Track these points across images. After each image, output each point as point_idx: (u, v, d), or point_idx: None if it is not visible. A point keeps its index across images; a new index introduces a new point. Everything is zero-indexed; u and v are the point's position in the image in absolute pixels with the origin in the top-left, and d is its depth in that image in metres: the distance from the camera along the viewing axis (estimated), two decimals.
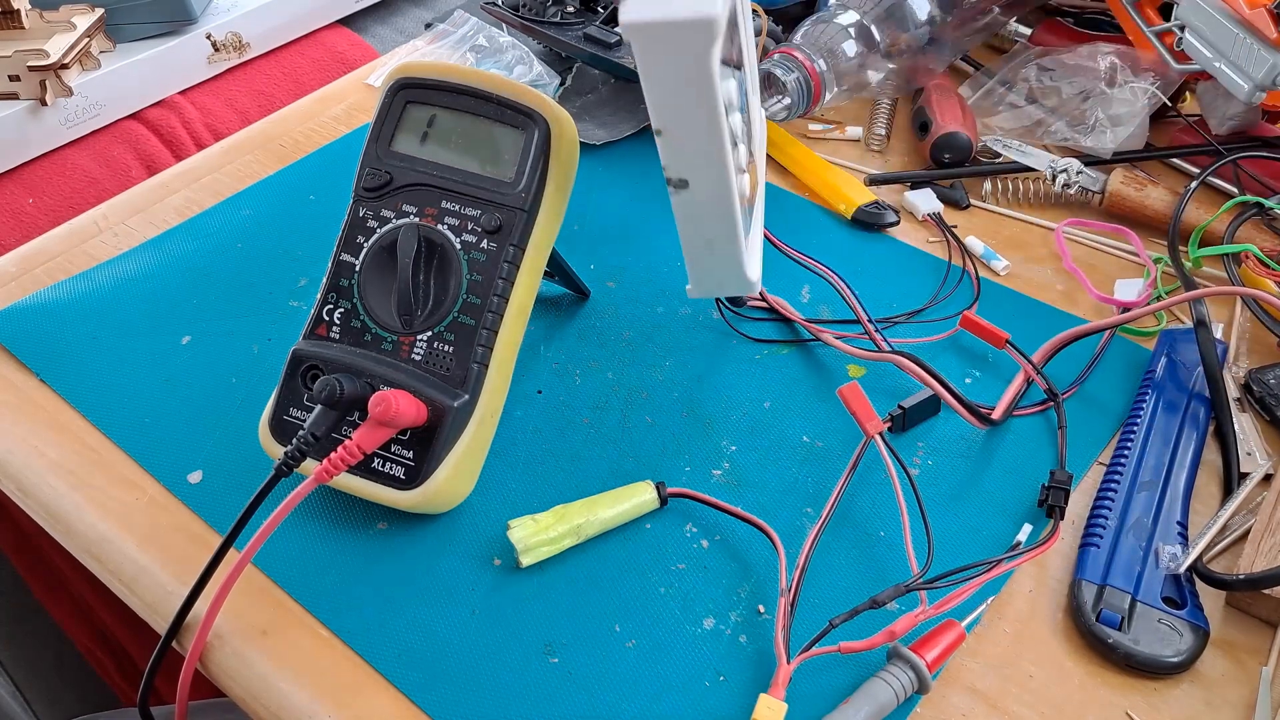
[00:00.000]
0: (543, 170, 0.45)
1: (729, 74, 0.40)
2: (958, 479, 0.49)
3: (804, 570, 0.43)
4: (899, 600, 0.43)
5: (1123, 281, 0.59)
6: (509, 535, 0.45)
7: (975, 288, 0.59)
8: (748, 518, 0.46)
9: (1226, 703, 0.42)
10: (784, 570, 0.44)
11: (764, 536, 0.46)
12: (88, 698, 0.85)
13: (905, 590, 0.41)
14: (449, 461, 0.44)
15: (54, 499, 0.49)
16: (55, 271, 0.61)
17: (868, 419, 0.46)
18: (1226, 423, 0.50)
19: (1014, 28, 0.78)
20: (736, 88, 0.41)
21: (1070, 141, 0.66)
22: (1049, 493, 0.47)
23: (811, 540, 0.44)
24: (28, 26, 0.87)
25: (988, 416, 0.50)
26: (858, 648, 0.40)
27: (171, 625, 0.43)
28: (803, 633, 0.42)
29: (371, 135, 0.47)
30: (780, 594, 0.43)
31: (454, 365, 0.44)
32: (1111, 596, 0.43)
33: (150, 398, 0.53)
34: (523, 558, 0.45)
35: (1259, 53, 0.57)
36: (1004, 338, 0.52)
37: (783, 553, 0.44)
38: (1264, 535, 0.45)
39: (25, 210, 0.85)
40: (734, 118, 0.41)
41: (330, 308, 0.46)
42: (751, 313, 0.57)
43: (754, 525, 0.46)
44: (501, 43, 0.78)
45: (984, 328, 0.53)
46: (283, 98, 0.99)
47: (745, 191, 0.43)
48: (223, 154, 0.70)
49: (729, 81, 0.40)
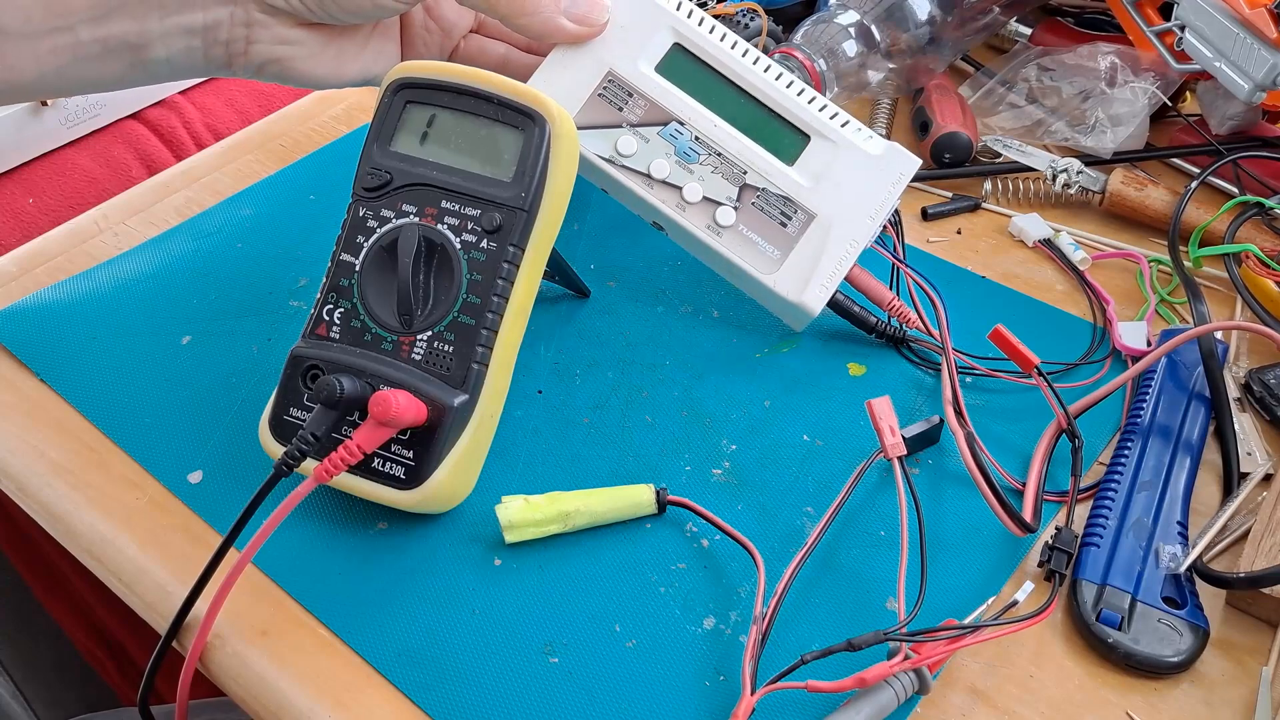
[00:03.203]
0: (543, 170, 0.45)
1: (620, 131, 0.50)
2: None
3: (781, 598, 0.42)
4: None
5: (1126, 325, 0.56)
6: (497, 510, 0.45)
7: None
8: (735, 535, 0.45)
9: (1226, 703, 0.42)
10: (761, 595, 0.42)
11: (765, 537, 0.46)
12: (88, 698, 0.85)
13: (884, 639, 0.39)
14: (449, 461, 0.44)
15: (54, 499, 0.49)
16: (55, 272, 0.61)
17: (891, 439, 0.44)
18: (1226, 423, 0.50)
19: (1014, 28, 0.78)
20: (637, 140, 0.50)
21: (1070, 141, 0.66)
22: (1051, 553, 0.44)
23: (793, 568, 0.42)
24: None
25: (1027, 525, 0.45)
26: (826, 689, 0.38)
27: (171, 625, 0.43)
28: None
29: (371, 135, 0.47)
30: (754, 620, 0.41)
31: (454, 365, 0.44)
32: (1111, 596, 0.43)
33: (150, 398, 0.53)
34: (507, 534, 0.45)
35: (1259, 53, 0.57)
36: (1034, 363, 0.48)
37: (763, 575, 0.43)
38: (1264, 535, 0.45)
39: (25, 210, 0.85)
40: (656, 163, 0.50)
41: (330, 308, 0.46)
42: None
43: (740, 543, 0.45)
44: None
45: (1015, 347, 0.48)
46: (283, 98, 0.99)
47: (722, 221, 0.50)
48: (223, 154, 0.70)
49: (612, 135, 0.50)
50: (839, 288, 0.52)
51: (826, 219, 0.50)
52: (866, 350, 0.56)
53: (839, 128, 0.51)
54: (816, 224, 0.50)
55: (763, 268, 0.50)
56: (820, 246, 0.50)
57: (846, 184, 0.50)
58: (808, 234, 0.50)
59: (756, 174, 0.50)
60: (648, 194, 0.50)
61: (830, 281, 0.50)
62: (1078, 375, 0.54)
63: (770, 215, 0.50)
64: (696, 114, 0.50)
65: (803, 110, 0.51)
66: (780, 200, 0.50)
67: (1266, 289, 0.55)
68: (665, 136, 0.50)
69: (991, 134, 0.68)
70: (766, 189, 0.50)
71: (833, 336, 0.56)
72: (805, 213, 0.50)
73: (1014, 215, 0.64)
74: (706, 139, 0.50)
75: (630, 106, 0.50)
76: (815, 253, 0.50)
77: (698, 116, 0.50)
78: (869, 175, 0.50)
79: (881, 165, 0.51)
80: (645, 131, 0.50)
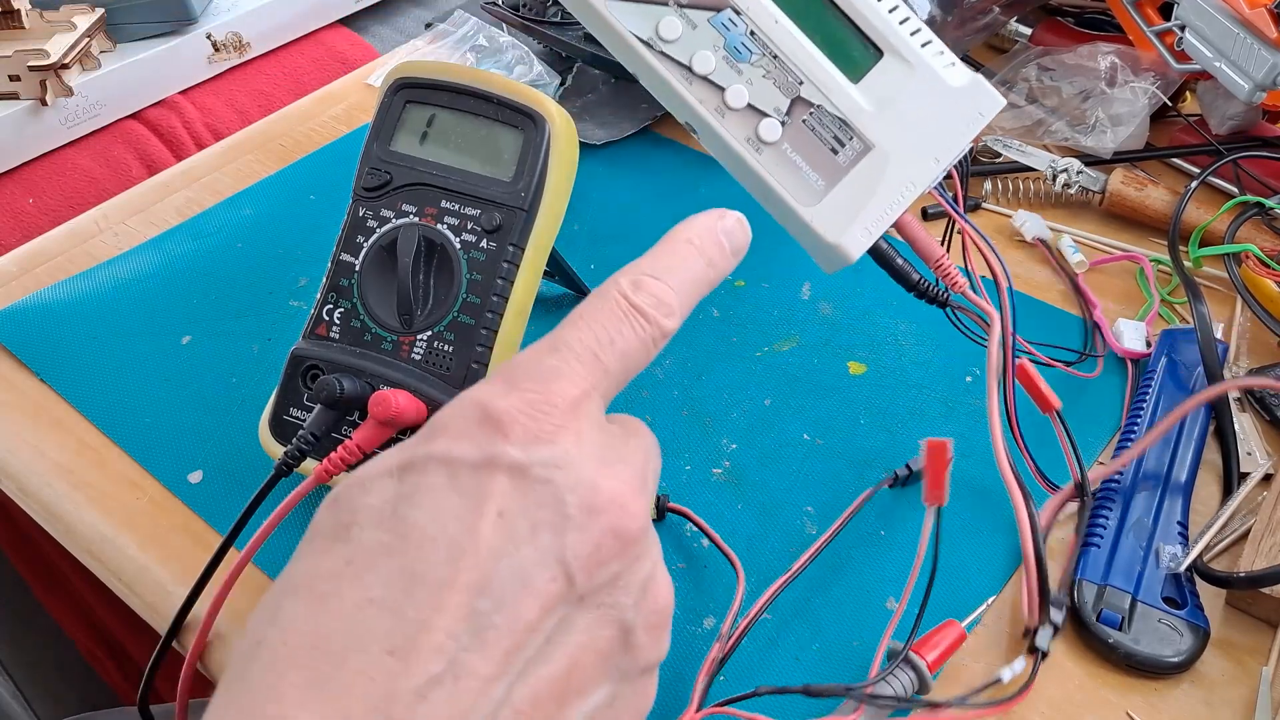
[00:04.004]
0: (543, 170, 0.45)
1: (665, 10, 0.42)
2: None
3: (754, 620, 0.41)
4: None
5: (1126, 324, 0.55)
6: None
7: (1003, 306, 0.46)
8: (723, 548, 0.45)
9: (1226, 703, 0.42)
10: (733, 614, 0.41)
11: (765, 536, 0.46)
12: (88, 698, 0.85)
13: (845, 693, 0.37)
14: None
15: (54, 499, 0.49)
16: (55, 271, 0.61)
17: (938, 487, 0.40)
18: (1226, 423, 0.50)
19: (1014, 27, 0.78)
20: (683, 24, 0.42)
21: (1070, 141, 0.66)
22: (1035, 630, 0.41)
23: (771, 593, 0.42)
24: (28, 26, 0.87)
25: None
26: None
27: (171, 625, 0.43)
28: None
29: (371, 135, 0.47)
30: (717, 638, 0.40)
31: (454, 365, 0.44)
32: (1112, 596, 0.43)
33: (150, 398, 0.53)
34: None
35: (1259, 52, 0.57)
36: (1055, 405, 0.45)
37: (740, 593, 0.42)
38: (1264, 535, 0.45)
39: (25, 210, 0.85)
40: (700, 56, 0.42)
41: (330, 307, 0.46)
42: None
43: (727, 556, 0.45)
44: (501, 43, 0.78)
45: (1036, 386, 0.45)
46: (283, 98, 0.99)
47: (765, 137, 0.43)
48: (223, 154, 0.70)
49: (655, 14, 0.42)
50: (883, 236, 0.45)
51: (884, 152, 0.43)
52: (867, 349, 0.56)
53: (919, 47, 0.43)
54: (872, 156, 0.43)
55: (802, 197, 0.43)
56: (872, 184, 0.43)
57: (915, 115, 0.43)
58: (860, 166, 0.43)
59: (814, 86, 0.43)
60: (685, 90, 0.43)
61: (876, 226, 0.44)
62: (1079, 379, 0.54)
63: (822, 138, 0.43)
64: (756, 4, 0.43)
65: (881, 20, 0.43)
66: (836, 122, 0.43)
67: (1266, 289, 0.55)
68: (716, 25, 0.43)
69: (991, 134, 0.68)
70: (822, 106, 0.43)
71: (833, 334, 0.56)
72: (862, 141, 0.43)
73: (1019, 211, 0.64)
74: (763, 35, 0.43)
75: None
76: (865, 190, 0.43)
77: (757, 6, 0.43)
78: (943, 108, 0.43)
79: (960, 99, 0.43)
80: (694, 15, 0.43)
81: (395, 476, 0.27)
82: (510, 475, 0.27)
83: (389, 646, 0.24)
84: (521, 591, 0.26)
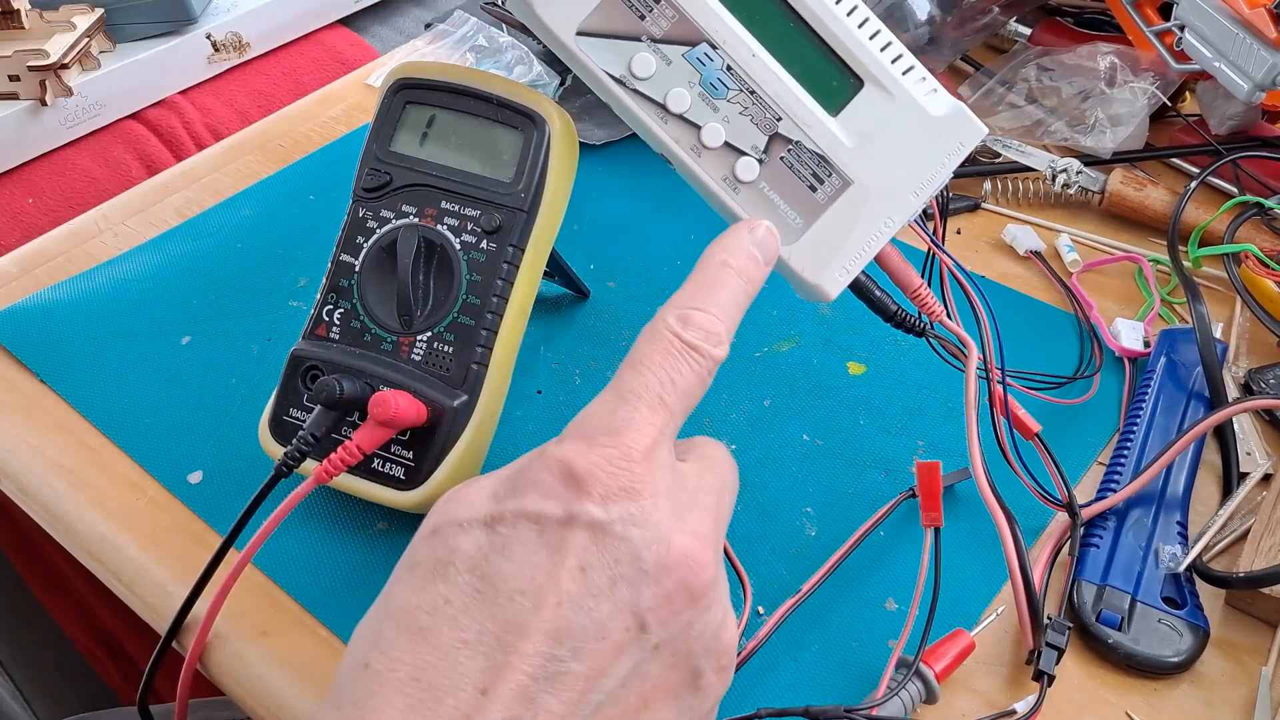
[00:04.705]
0: (543, 170, 0.45)
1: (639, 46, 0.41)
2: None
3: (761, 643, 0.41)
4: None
5: (1123, 323, 0.56)
6: None
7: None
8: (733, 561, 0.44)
9: (1226, 703, 0.42)
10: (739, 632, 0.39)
11: (764, 537, 0.46)
12: (88, 698, 0.85)
13: (845, 715, 0.37)
14: (449, 462, 0.44)
15: (54, 499, 0.49)
16: (55, 272, 0.61)
17: (932, 509, 0.41)
18: (1226, 423, 0.50)
19: (1014, 28, 0.78)
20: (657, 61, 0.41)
21: (1070, 141, 0.66)
22: (1039, 653, 0.40)
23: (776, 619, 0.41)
24: (28, 26, 0.87)
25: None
26: None
27: (171, 625, 0.43)
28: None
29: (371, 135, 0.47)
30: None
31: (454, 365, 0.44)
32: (1111, 596, 0.43)
33: (150, 398, 0.53)
34: None
35: (1259, 53, 0.57)
36: (1034, 430, 0.46)
37: (747, 610, 0.42)
38: (1263, 535, 0.45)
39: (25, 210, 0.85)
40: (675, 93, 0.41)
41: (330, 308, 0.46)
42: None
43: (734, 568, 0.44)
44: (501, 43, 0.78)
45: (1015, 415, 0.46)
46: (283, 98, 0.99)
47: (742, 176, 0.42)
48: (223, 154, 0.70)
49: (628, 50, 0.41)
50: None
51: (863, 189, 0.42)
52: (867, 349, 0.56)
53: (899, 75, 0.42)
54: (851, 193, 0.42)
55: (780, 236, 0.42)
56: (850, 221, 0.43)
57: (895, 148, 0.43)
58: (839, 204, 0.43)
59: (792, 123, 0.42)
60: (659, 129, 0.42)
61: (854, 264, 0.43)
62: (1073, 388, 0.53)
63: (800, 175, 0.42)
64: (733, 36, 0.42)
65: (861, 47, 0.42)
66: (814, 159, 0.42)
67: (1266, 289, 0.55)
68: (691, 60, 0.42)
69: (991, 134, 0.68)
70: (800, 142, 0.42)
71: (833, 334, 0.56)
72: (841, 178, 0.42)
73: (1007, 225, 0.63)
74: (740, 70, 0.42)
75: (655, 15, 0.42)
76: (843, 227, 0.43)
77: (734, 40, 0.42)
78: (923, 140, 0.42)
79: (940, 129, 0.42)
80: (668, 51, 0.42)
81: (489, 526, 0.30)
82: (590, 532, 0.29)
83: (480, 686, 0.27)
84: (598, 640, 0.28)
